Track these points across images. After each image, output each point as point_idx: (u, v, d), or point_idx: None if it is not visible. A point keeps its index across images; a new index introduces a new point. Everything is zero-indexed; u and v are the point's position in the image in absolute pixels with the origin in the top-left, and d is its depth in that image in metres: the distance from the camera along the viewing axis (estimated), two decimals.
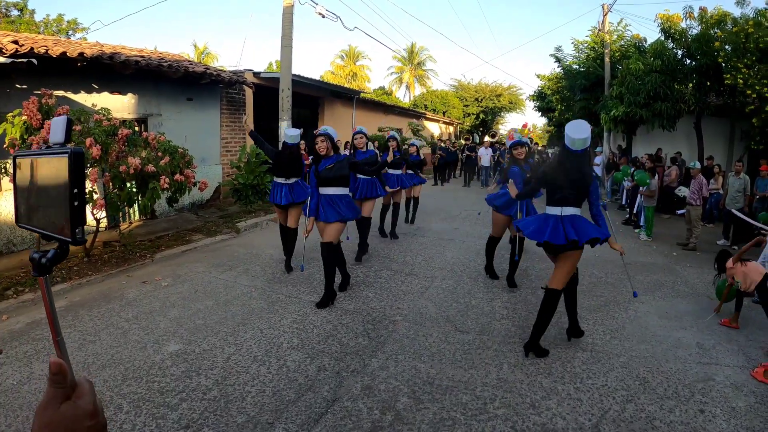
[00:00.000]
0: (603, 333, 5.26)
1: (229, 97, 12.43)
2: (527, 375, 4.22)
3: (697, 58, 14.15)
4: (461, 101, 39.02)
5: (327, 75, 49.69)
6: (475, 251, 8.59)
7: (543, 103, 28.95)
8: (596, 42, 19.96)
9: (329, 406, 3.57)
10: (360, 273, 6.96)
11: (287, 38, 12.59)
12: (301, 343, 4.60)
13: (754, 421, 3.70)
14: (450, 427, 3.40)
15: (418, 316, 5.43)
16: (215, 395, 3.64)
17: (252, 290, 6.05)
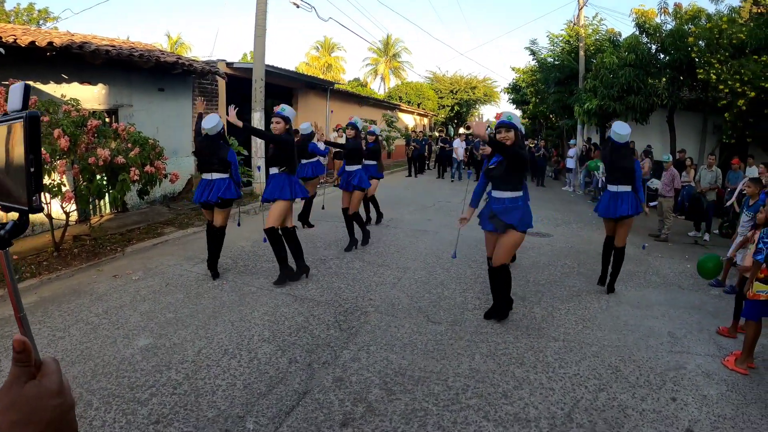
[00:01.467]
0: (575, 322, 5.32)
1: (201, 88, 12.24)
2: (499, 365, 4.25)
3: (670, 53, 14.38)
4: (436, 93, 39.09)
5: (302, 66, 49.29)
6: (448, 242, 8.58)
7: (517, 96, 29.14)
8: (571, 36, 20.12)
9: (300, 398, 3.55)
10: (332, 264, 6.95)
11: (261, 28, 12.44)
12: (273, 335, 4.57)
13: (726, 408, 3.78)
14: (422, 417, 3.40)
15: (390, 307, 5.44)
16: (186, 389, 3.60)
17: (223, 283, 5.99)
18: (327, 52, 51.34)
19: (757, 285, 4.48)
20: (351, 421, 3.31)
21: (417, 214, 11.29)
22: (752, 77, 11.47)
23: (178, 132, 11.17)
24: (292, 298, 5.57)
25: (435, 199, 13.89)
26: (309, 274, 6.30)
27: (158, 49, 12.63)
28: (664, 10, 15.09)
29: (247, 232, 8.35)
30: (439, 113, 38.77)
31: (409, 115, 31.66)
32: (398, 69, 52.08)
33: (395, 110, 27.56)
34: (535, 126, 32.81)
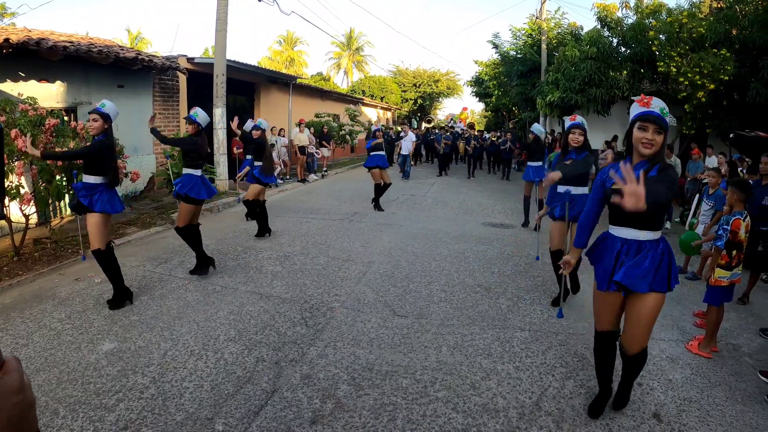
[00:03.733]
0: (540, 312, 5.40)
1: (161, 84, 12.03)
2: (466, 356, 4.29)
3: (631, 47, 14.71)
4: (399, 87, 39.12)
5: (264, 61, 48.84)
6: (412, 235, 8.67)
7: (480, 89, 29.43)
8: (534, 29, 20.38)
9: (269, 397, 3.53)
10: (297, 260, 6.91)
11: (222, 22, 12.24)
12: (239, 334, 4.53)
13: (691, 392, 3.89)
14: (391, 412, 3.42)
15: (356, 302, 5.43)
16: (153, 393, 3.54)
17: (187, 282, 5.89)
18: (290, 46, 50.96)
19: (718, 271, 4.62)
20: (320, 418, 3.31)
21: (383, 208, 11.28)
22: (711, 70, 11.80)
23: (138, 129, 10.87)
24: (257, 296, 5.52)
25: (399, 193, 13.91)
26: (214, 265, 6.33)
27: (117, 44, 12.35)
28: (626, 4, 15.46)
29: (211, 230, 8.25)
30: (403, 107, 38.82)
31: (372, 109, 31.61)
32: (361, 63, 52.02)
33: (358, 104, 27.49)
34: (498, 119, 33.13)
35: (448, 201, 12.86)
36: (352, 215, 10.35)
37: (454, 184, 16.86)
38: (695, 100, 12.51)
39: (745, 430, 3.47)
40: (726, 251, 4.62)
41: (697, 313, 5.53)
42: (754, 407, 3.76)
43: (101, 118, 5.08)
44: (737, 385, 4.09)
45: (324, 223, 9.47)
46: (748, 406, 3.78)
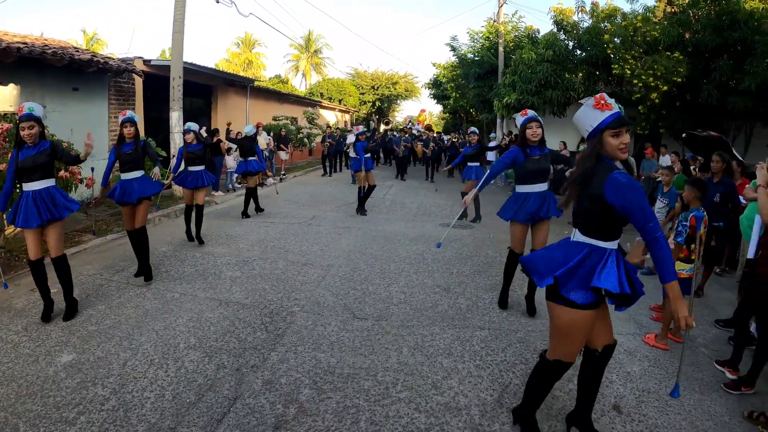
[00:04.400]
0: (499, 311, 5.51)
1: (117, 87, 11.80)
2: (427, 357, 4.35)
3: (587, 50, 14.98)
4: (357, 89, 39.17)
5: (222, 63, 48.21)
6: (371, 237, 8.74)
7: (438, 91, 29.62)
8: (491, 32, 20.62)
9: (231, 404, 3.52)
10: (256, 265, 6.88)
11: (179, 24, 12.08)
12: (199, 342, 4.49)
13: (649, 383, 4.04)
14: (354, 414, 3.45)
15: (315, 306, 5.45)
16: (114, 405, 3.49)
17: (145, 291, 5.80)
18: (248, 48, 50.46)
19: (678, 264, 4.83)
20: (284, 423, 3.32)
21: (339, 212, 11.34)
22: (664, 72, 12.11)
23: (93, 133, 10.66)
24: (217, 302, 5.48)
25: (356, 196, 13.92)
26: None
27: (73, 46, 12.06)
28: (582, 8, 15.75)
29: (168, 236, 8.15)
30: (361, 109, 38.85)
31: (330, 112, 31.58)
32: (320, 65, 51.82)
33: (316, 107, 27.42)
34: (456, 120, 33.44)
35: (406, 203, 12.98)
36: (310, 219, 10.35)
37: (412, 186, 17.00)
38: (649, 101, 12.80)
39: (703, 418, 3.62)
40: (686, 245, 4.85)
41: (653, 308, 5.72)
42: (711, 395, 3.94)
43: (38, 123, 4.85)
44: (695, 375, 4.26)
45: (282, 227, 9.44)
46: (705, 394, 3.95)
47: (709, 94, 12.07)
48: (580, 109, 3.03)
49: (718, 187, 6.34)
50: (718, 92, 12.04)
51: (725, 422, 3.60)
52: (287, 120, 19.51)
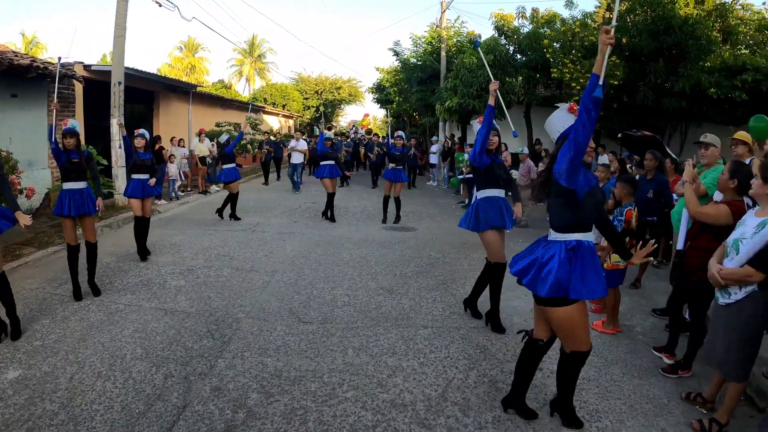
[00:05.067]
0: (443, 309, 5.70)
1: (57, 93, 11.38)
2: (372, 356, 4.48)
3: (527, 54, 15.36)
4: (301, 94, 38.93)
5: (165, 68, 47.17)
6: (315, 242, 8.84)
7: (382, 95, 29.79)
8: (434, 37, 20.92)
9: (180, 412, 3.55)
10: (200, 273, 6.86)
11: (120, 28, 11.78)
12: (145, 352, 4.48)
13: (589, 371, 4.25)
14: (302, 415, 3.54)
15: (261, 312, 5.50)
16: (63, 419, 3.46)
17: (89, 303, 5.69)
18: (191, 53, 49.51)
19: (615, 256, 5.09)
20: (233, 428, 3.37)
21: (283, 218, 11.36)
22: None
23: (32, 142, 10.27)
24: (162, 312, 5.45)
25: (300, 201, 14.02)
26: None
27: (11, 50, 11.57)
28: (522, 14, 16.17)
29: (111, 246, 8.01)
30: (305, 114, 38.68)
31: (274, 117, 31.34)
32: (263, 70, 51.40)
33: (259, 112, 27.19)
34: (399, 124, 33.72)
35: (350, 208, 13.10)
36: (254, 225, 10.34)
37: (356, 191, 17.14)
38: None
39: (642, 401, 3.86)
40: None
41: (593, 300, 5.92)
42: (650, 380, 4.20)
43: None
44: (633, 362, 4.54)
45: (227, 234, 9.40)
46: (644, 379, 4.22)
47: (645, 95, 12.65)
48: (554, 113, 3.25)
49: (651, 183, 6.73)
50: (653, 94, 12.62)
51: (664, 404, 3.85)
52: (230, 126, 19.26)
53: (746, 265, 3.21)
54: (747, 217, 3.44)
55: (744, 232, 3.30)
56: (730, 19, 13.81)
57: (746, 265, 3.21)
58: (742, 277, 3.22)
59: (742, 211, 3.69)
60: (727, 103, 12.19)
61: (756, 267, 3.14)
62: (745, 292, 3.27)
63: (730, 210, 3.80)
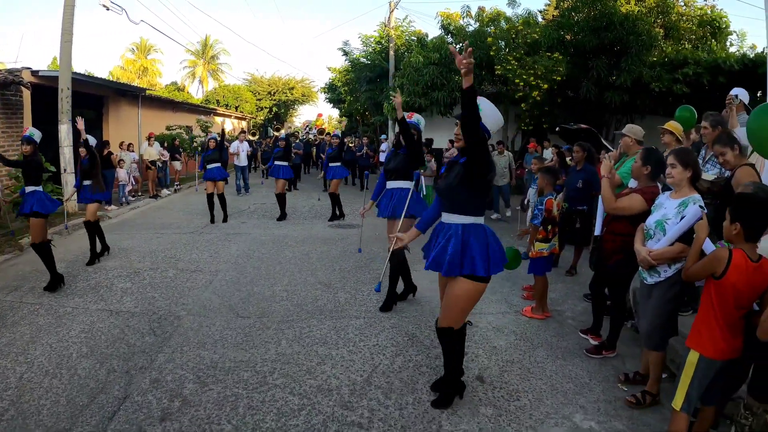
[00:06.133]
0: (377, 301, 5.97)
1: (4, 100, 11.24)
2: (304, 347, 4.79)
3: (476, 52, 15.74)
4: (254, 95, 38.72)
5: (116, 70, 46.05)
6: (260, 242, 9.12)
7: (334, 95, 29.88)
8: (383, 37, 21.14)
9: (121, 403, 3.82)
10: (146, 275, 7.07)
11: (68, 33, 11.72)
12: (90, 350, 4.72)
13: (514, 354, 4.59)
14: (233, 402, 3.84)
15: (202, 309, 5.78)
16: (12, 414, 3.69)
17: (38, 308, 5.87)
18: (143, 55, 48.42)
19: (538, 245, 5.40)
20: (169, 416, 3.67)
21: (233, 219, 11.54)
22: (544, 71, 13.02)
23: None
24: (108, 312, 5.68)
25: (250, 202, 14.27)
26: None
27: None
28: (468, 13, 16.53)
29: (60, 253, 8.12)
30: (258, 115, 38.52)
31: (226, 119, 31.19)
32: (217, 71, 50.68)
33: (211, 114, 27.08)
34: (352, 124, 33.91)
35: (297, 207, 13.35)
36: (202, 227, 10.54)
37: (306, 190, 17.38)
38: (531, 98, 13.73)
39: (563, 381, 4.11)
40: (542, 227, 5.42)
41: (526, 287, 6.30)
42: (573, 361, 4.46)
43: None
44: (559, 344, 4.84)
45: (175, 237, 9.60)
46: (568, 360, 4.47)
47: (588, 90, 13.21)
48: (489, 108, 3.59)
49: (580, 174, 6.96)
50: (596, 88, 13.18)
51: (585, 383, 4.08)
52: (181, 129, 19.22)
53: (677, 242, 3.39)
54: (662, 200, 3.66)
55: (665, 213, 3.50)
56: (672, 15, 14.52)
57: (677, 243, 3.39)
58: (677, 255, 3.39)
59: (655, 196, 3.91)
60: (670, 96, 12.69)
61: (687, 243, 3.31)
62: (675, 269, 3.47)
63: (644, 198, 4.00)
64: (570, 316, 5.59)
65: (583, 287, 6.36)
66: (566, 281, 6.86)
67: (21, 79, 11.16)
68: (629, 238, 3.91)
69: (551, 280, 6.23)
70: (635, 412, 3.65)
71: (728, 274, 2.72)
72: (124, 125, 17.55)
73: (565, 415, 3.65)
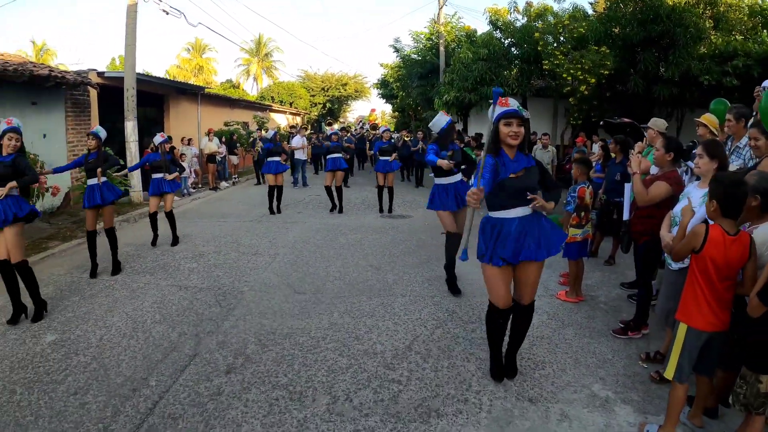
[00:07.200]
0: (422, 282, 6.44)
1: (73, 99, 12.26)
2: (354, 318, 5.27)
3: (522, 47, 15.87)
4: (308, 92, 39.56)
5: (173, 69, 48.11)
6: (315, 229, 9.65)
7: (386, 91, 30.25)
8: (433, 33, 21.50)
9: (191, 359, 4.39)
10: (211, 257, 7.70)
11: (131, 37, 12.68)
12: (163, 317, 5.34)
13: (544, 331, 4.91)
14: (290, 360, 4.36)
15: (262, 285, 6.34)
16: (95, 367, 4.29)
17: (113, 283, 6.57)
18: (198, 54, 50.27)
19: (572, 230, 5.68)
20: (233, 369, 4.21)
21: (288, 209, 12.14)
22: (592, 66, 13.06)
23: (52, 145, 11.19)
24: (177, 287, 6.31)
25: (306, 194, 14.90)
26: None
27: (30, 61, 12.43)
28: (516, 8, 16.68)
29: (130, 238, 8.88)
30: (312, 111, 39.39)
31: (281, 115, 32.10)
32: (270, 69, 51.94)
33: (266, 111, 28.00)
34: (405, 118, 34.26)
35: (351, 199, 13.83)
36: (261, 217, 11.20)
37: (359, 183, 17.90)
38: (579, 93, 13.79)
39: (587, 356, 4.38)
40: (576, 214, 5.72)
41: (563, 274, 6.53)
42: (599, 339, 4.70)
43: (20, 135, 5.37)
44: (588, 325, 5.09)
45: (235, 225, 10.27)
46: (594, 339, 4.72)
47: (635, 84, 13.16)
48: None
49: (618, 167, 7.05)
50: (643, 82, 13.12)
51: (608, 359, 4.33)
52: (238, 125, 20.10)
53: None
54: (690, 189, 3.86)
55: (691, 202, 3.62)
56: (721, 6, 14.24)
57: None
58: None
59: (678, 178, 4.19)
60: (720, 89, 12.39)
61: None
62: None
63: (668, 183, 4.26)
64: (603, 302, 5.78)
65: (620, 276, 6.61)
66: (604, 270, 7.03)
67: (89, 81, 12.10)
68: (655, 220, 4.12)
69: (589, 269, 6.52)
70: (652, 386, 3.88)
71: (705, 247, 2.97)
72: (184, 121, 18.52)
73: (585, 385, 3.94)
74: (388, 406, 3.66)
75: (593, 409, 3.58)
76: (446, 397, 3.77)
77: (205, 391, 3.89)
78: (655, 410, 3.54)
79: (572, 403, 3.66)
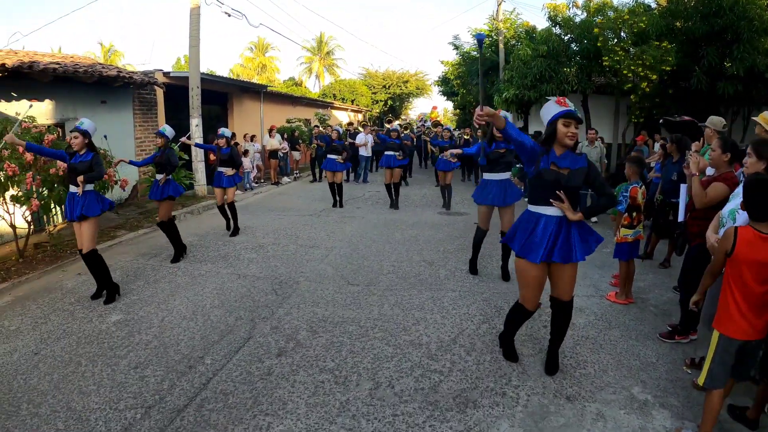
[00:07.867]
0: (473, 278, 6.52)
1: (141, 98, 12.89)
2: (403, 310, 5.41)
3: (583, 43, 15.57)
4: (369, 89, 39.95)
5: (236, 68, 49.52)
6: (372, 225, 9.83)
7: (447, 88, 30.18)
8: (492, 30, 21.39)
9: (245, 342, 4.63)
10: (269, 249, 7.99)
11: (195, 39, 13.22)
12: (221, 303, 5.63)
13: (590, 331, 4.91)
14: (338, 347, 4.54)
15: (317, 276, 6.56)
16: (155, 345, 4.61)
17: (176, 270, 6.95)
18: (261, 53, 51.52)
19: (623, 230, 5.60)
20: (284, 352, 4.42)
21: (346, 204, 12.39)
22: (653, 62, 12.71)
23: (121, 141, 11.74)
24: (236, 276, 6.62)
25: (365, 190, 15.12)
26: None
27: (99, 63, 13.18)
28: (575, 3, 16.40)
29: (193, 229, 9.31)
30: (373, 108, 39.73)
31: (343, 112, 32.53)
32: (332, 66, 52.68)
33: (328, 108, 28.46)
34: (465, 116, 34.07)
35: (410, 195, 14.00)
36: (320, 211, 11.47)
37: (419, 180, 18.02)
38: (640, 90, 13.45)
39: (630, 358, 4.35)
40: (627, 214, 5.62)
41: (615, 275, 6.41)
42: (645, 343, 4.65)
43: (81, 134, 5.78)
44: (635, 327, 5.04)
45: (294, 218, 10.58)
46: (639, 341, 4.68)
47: (699, 80, 12.71)
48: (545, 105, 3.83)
49: (675, 166, 6.86)
50: (707, 78, 12.67)
51: (651, 363, 4.28)
52: (300, 122, 20.53)
53: None
54: (740, 190, 3.69)
55: (738, 203, 3.55)
56: None
57: None
58: None
59: (735, 181, 4.06)
60: None
61: None
62: None
63: (726, 185, 4.13)
64: (653, 305, 5.68)
65: (673, 280, 6.36)
66: (658, 272, 6.86)
67: (155, 80, 12.71)
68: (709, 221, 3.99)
69: (643, 271, 6.43)
70: (694, 392, 3.80)
71: (737, 249, 2.92)
72: (247, 118, 19.08)
73: (625, 386, 3.91)
74: (428, 394, 3.78)
75: (630, 411, 3.57)
76: (485, 390, 3.85)
77: (256, 371, 4.12)
78: (693, 416, 3.49)
79: (609, 404, 3.67)
